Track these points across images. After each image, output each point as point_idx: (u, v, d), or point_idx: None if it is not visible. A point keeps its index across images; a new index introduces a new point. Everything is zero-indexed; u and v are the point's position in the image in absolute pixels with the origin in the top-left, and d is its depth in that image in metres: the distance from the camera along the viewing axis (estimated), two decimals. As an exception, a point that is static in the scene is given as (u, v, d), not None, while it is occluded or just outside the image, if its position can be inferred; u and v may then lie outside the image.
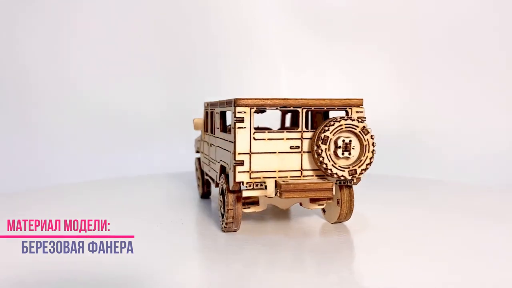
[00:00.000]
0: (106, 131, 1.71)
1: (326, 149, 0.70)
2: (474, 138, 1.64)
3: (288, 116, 1.05)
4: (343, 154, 0.71)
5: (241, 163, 0.70)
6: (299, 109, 0.72)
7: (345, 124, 0.71)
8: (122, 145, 1.68)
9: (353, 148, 0.72)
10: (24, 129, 1.69)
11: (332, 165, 0.71)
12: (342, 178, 0.71)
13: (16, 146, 1.67)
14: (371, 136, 0.72)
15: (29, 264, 0.62)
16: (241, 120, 0.70)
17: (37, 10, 1.69)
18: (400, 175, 1.42)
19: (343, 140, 0.71)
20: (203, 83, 1.75)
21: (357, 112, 0.74)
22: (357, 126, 0.72)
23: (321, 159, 0.70)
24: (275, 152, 0.72)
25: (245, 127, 0.70)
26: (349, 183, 0.74)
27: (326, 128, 0.71)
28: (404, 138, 1.67)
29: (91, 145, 1.69)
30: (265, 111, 0.75)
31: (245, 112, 0.70)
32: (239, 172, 0.70)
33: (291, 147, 0.72)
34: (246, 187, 0.71)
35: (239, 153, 0.70)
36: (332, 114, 0.79)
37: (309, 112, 0.82)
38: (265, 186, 0.71)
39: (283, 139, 0.72)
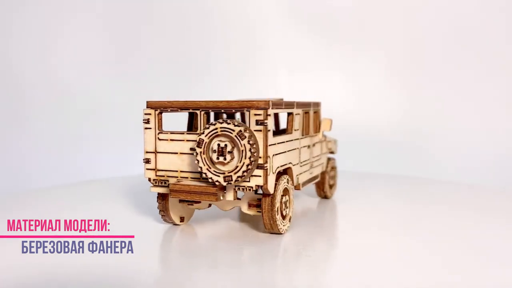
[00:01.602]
0: (106, 131, 1.71)
1: (201, 152, 0.69)
2: (474, 138, 1.64)
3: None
4: (218, 159, 0.68)
5: (148, 161, 0.76)
6: (197, 111, 0.73)
7: (220, 128, 0.68)
8: (122, 145, 1.68)
9: (229, 152, 0.67)
10: (23, 129, 1.69)
11: (207, 169, 0.68)
12: (218, 183, 0.68)
13: (16, 146, 1.67)
14: (249, 141, 0.66)
15: (29, 264, 0.62)
16: (147, 121, 0.76)
17: (27, 10, 1.69)
18: (397, 174, 1.42)
19: (218, 145, 0.68)
20: (204, 83, 1.75)
21: (255, 115, 0.68)
22: (233, 130, 0.67)
23: (196, 161, 0.69)
24: (177, 153, 0.74)
25: (151, 128, 0.76)
26: (248, 189, 0.69)
27: (202, 131, 0.69)
28: (403, 138, 1.67)
29: (91, 145, 1.70)
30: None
31: (150, 114, 0.75)
32: (146, 169, 0.76)
33: (191, 149, 0.73)
34: (153, 184, 0.75)
35: (146, 152, 0.76)
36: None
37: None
38: (168, 184, 0.73)
39: (183, 140, 0.74)
